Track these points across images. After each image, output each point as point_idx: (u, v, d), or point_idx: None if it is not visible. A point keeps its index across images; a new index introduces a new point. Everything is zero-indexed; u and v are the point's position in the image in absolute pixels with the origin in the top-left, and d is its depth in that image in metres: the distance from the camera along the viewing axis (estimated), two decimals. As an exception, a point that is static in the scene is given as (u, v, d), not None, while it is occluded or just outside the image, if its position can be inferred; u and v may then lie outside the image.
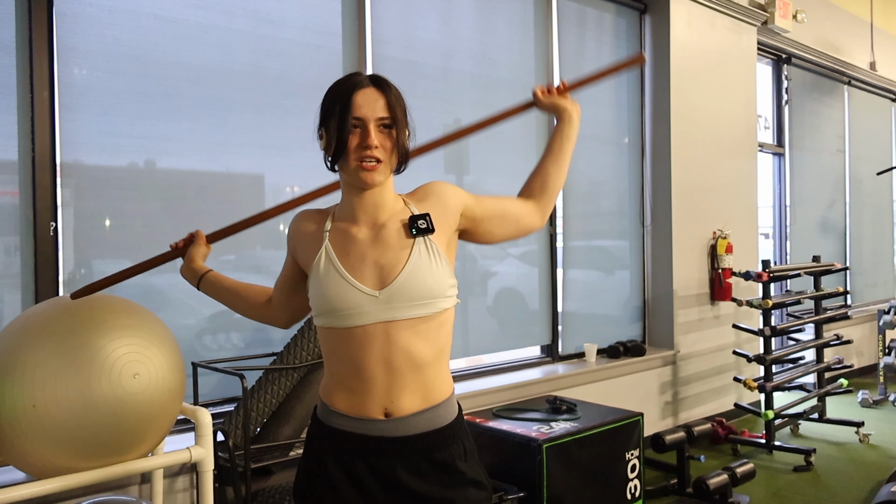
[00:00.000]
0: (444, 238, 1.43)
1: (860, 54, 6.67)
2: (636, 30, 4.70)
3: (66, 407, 1.69)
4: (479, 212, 1.49)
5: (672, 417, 4.61)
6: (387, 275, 1.37)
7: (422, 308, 1.37)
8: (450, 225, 1.45)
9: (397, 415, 1.38)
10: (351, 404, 1.39)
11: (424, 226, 1.39)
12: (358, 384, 1.38)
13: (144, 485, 2.47)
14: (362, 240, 1.41)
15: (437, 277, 1.38)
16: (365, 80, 1.39)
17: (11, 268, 2.43)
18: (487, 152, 3.83)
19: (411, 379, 1.38)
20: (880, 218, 7.45)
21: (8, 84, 2.40)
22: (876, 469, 3.99)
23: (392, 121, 1.38)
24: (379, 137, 1.36)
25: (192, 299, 2.84)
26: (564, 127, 1.74)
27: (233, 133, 2.91)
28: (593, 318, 4.44)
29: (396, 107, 1.38)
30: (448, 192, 1.48)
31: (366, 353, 1.36)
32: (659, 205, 4.65)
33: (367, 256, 1.39)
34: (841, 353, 5.79)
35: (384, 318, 1.36)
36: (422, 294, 1.36)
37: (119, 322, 1.83)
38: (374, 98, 1.37)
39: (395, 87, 1.42)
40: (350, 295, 1.36)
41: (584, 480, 3.00)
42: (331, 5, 3.21)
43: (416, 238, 1.39)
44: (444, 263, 1.40)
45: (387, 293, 1.35)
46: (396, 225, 1.41)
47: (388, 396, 1.37)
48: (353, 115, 1.36)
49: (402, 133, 1.39)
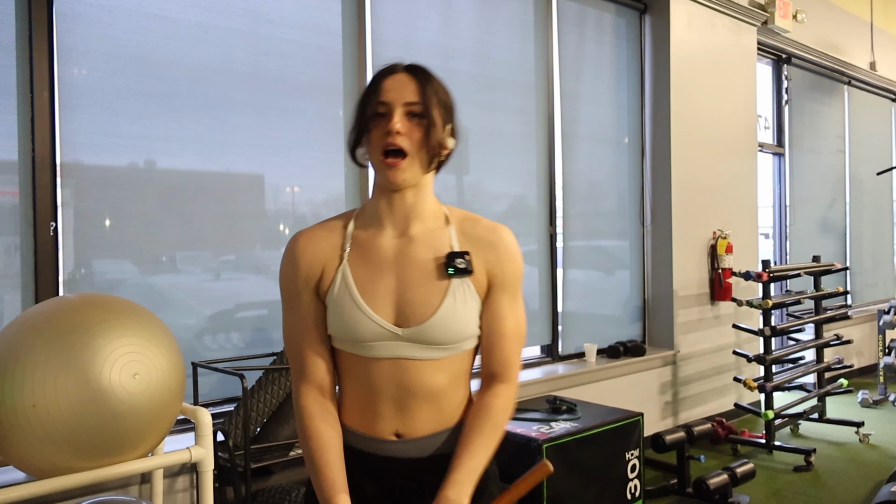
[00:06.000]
0: (479, 284, 1.28)
1: (860, 54, 6.66)
2: (636, 30, 4.70)
3: (66, 407, 1.69)
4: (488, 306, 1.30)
5: (672, 417, 4.61)
6: (413, 312, 1.24)
7: (445, 351, 1.26)
8: (485, 278, 1.29)
9: (409, 436, 1.29)
10: (362, 423, 1.30)
11: (463, 266, 1.25)
12: (370, 406, 1.29)
13: (144, 485, 2.47)
14: (386, 253, 1.27)
15: (466, 323, 1.26)
16: (399, 67, 1.26)
17: (11, 268, 2.43)
18: (487, 152, 3.83)
19: (425, 404, 1.28)
20: (880, 218, 7.45)
21: (8, 84, 2.40)
22: (876, 469, 3.99)
23: (423, 109, 1.22)
24: (405, 124, 1.21)
25: (192, 299, 2.84)
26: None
27: (233, 133, 2.91)
28: (593, 318, 4.44)
29: (431, 96, 1.23)
30: (511, 257, 1.30)
31: (380, 379, 1.26)
32: (659, 205, 4.65)
33: (390, 280, 1.25)
34: (841, 353, 5.79)
35: (402, 355, 1.25)
36: (447, 339, 1.25)
37: (119, 322, 1.83)
38: (405, 82, 1.23)
39: (438, 80, 1.27)
40: (367, 327, 1.24)
41: (584, 480, 3.00)
42: (331, 5, 3.21)
43: (451, 278, 1.25)
44: (475, 306, 1.27)
45: (411, 333, 1.24)
46: (431, 248, 1.27)
47: (400, 419, 1.28)
48: (379, 99, 1.22)
49: (435, 126, 1.23)
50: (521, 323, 1.33)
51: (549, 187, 4.12)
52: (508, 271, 1.29)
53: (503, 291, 1.29)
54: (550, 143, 4.13)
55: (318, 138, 3.15)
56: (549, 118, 4.13)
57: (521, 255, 1.33)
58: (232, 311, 2.93)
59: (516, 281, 1.31)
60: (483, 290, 1.29)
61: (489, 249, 1.28)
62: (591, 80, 4.41)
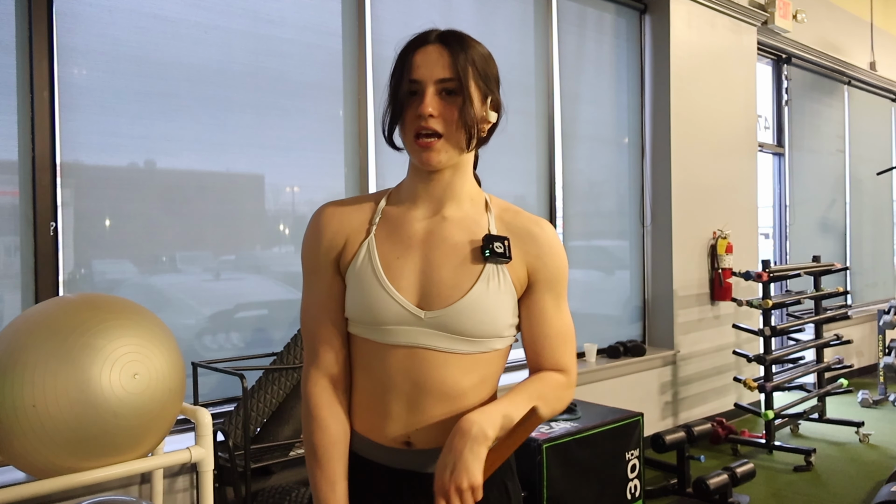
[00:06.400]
0: (517, 276, 1.16)
1: (860, 54, 6.66)
2: (636, 30, 4.70)
3: (66, 407, 1.69)
4: (531, 307, 1.18)
5: (672, 417, 4.61)
6: (438, 294, 1.12)
7: (472, 345, 1.13)
8: (525, 274, 1.17)
9: (419, 446, 1.15)
10: (370, 426, 1.18)
11: (501, 250, 1.13)
12: (380, 405, 1.16)
13: (144, 485, 2.47)
14: (417, 232, 1.16)
15: (498, 315, 1.13)
16: (432, 36, 1.12)
17: (11, 268, 2.43)
18: (487, 152, 3.81)
19: (440, 407, 1.14)
20: (880, 218, 7.45)
21: (8, 84, 2.40)
22: (876, 469, 3.99)
23: (458, 84, 1.09)
24: (438, 105, 1.09)
25: (192, 299, 2.84)
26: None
27: (233, 133, 2.91)
28: (593, 318, 4.44)
29: (467, 67, 1.10)
30: (554, 252, 1.18)
31: (395, 372, 1.14)
32: (659, 205, 4.65)
33: (417, 258, 1.14)
34: (841, 353, 5.80)
35: (423, 344, 1.12)
36: (475, 331, 1.12)
37: (119, 322, 1.83)
38: (437, 56, 1.10)
39: (476, 47, 1.14)
40: (388, 308, 1.12)
41: (584, 480, 3.00)
42: (331, 5, 3.21)
43: (486, 263, 1.13)
44: (510, 299, 1.15)
45: (435, 318, 1.12)
46: (466, 230, 1.16)
47: (412, 424, 1.15)
48: (409, 77, 1.10)
49: (472, 104, 1.11)
50: (568, 323, 1.21)
51: (549, 187, 4.12)
52: (552, 266, 1.17)
53: (547, 290, 1.18)
54: (550, 143, 4.13)
55: (318, 138, 3.15)
56: (549, 118, 4.13)
57: (564, 252, 1.21)
58: (232, 311, 2.93)
59: (561, 278, 1.19)
60: (521, 285, 1.17)
61: (531, 242, 1.17)
62: (591, 80, 4.41)
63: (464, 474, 1.01)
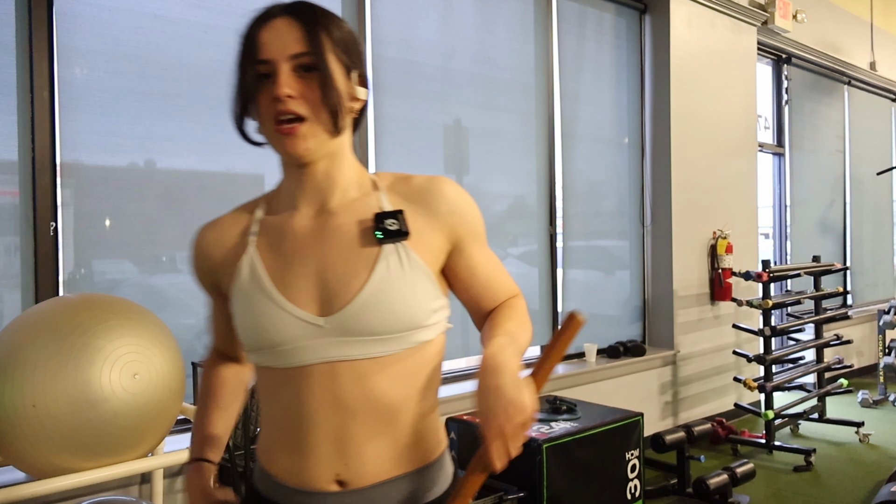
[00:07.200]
0: (428, 248, 1.00)
1: (860, 54, 6.67)
2: (636, 30, 4.70)
3: (66, 407, 1.69)
4: (463, 267, 1.05)
5: (672, 417, 4.61)
6: (335, 295, 0.96)
7: (389, 344, 0.96)
8: (442, 239, 1.02)
9: (356, 484, 0.97)
10: (292, 469, 0.99)
11: (396, 227, 0.97)
12: (300, 441, 0.98)
13: (144, 485, 2.47)
14: (303, 235, 1.00)
15: (412, 301, 0.96)
16: (277, 8, 0.97)
17: (11, 268, 2.43)
18: (487, 152, 3.83)
19: (376, 431, 0.96)
20: (880, 218, 7.45)
21: (8, 84, 2.40)
22: (876, 469, 3.99)
23: (315, 58, 0.94)
24: (295, 84, 0.93)
25: (192, 299, 2.84)
26: None
27: (233, 133, 2.89)
28: (593, 318, 4.44)
29: (323, 38, 0.95)
30: (463, 201, 1.03)
31: (308, 398, 0.96)
32: (659, 205, 4.65)
33: (309, 262, 0.98)
34: (841, 353, 5.79)
35: (332, 357, 0.95)
36: (388, 326, 0.95)
37: (119, 322, 1.83)
38: (286, 29, 0.94)
39: (331, 16, 0.99)
40: (283, 324, 0.96)
41: (584, 480, 3.00)
42: (331, 5, 3.20)
43: (382, 245, 0.97)
44: (423, 279, 0.98)
45: (335, 322, 0.95)
46: (355, 217, 1.00)
47: (342, 457, 0.96)
48: (257, 58, 0.94)
49: (334, 78, 0.95)
50: (495, 260, 1.10)
51: (549, 187, 4.12)
52: (468, 216, 1.03)
53: (473, 242, 1.04)
54: (550, 143, 4.13)
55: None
56: (549, 118, 4.13)
57: (473, 201, 1.05)
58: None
59: (480, 226, 1.05)
60: (439, 255, 1.01)
61: (437, 200, 1.01)
62: (591, 80, 4.41)
63: (517, 411, 0.87)
